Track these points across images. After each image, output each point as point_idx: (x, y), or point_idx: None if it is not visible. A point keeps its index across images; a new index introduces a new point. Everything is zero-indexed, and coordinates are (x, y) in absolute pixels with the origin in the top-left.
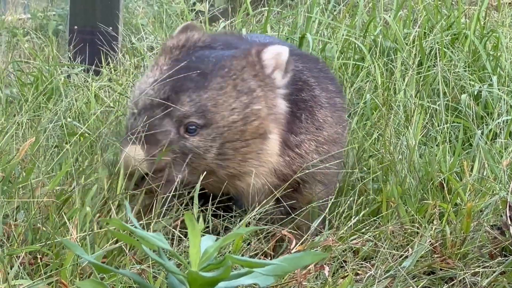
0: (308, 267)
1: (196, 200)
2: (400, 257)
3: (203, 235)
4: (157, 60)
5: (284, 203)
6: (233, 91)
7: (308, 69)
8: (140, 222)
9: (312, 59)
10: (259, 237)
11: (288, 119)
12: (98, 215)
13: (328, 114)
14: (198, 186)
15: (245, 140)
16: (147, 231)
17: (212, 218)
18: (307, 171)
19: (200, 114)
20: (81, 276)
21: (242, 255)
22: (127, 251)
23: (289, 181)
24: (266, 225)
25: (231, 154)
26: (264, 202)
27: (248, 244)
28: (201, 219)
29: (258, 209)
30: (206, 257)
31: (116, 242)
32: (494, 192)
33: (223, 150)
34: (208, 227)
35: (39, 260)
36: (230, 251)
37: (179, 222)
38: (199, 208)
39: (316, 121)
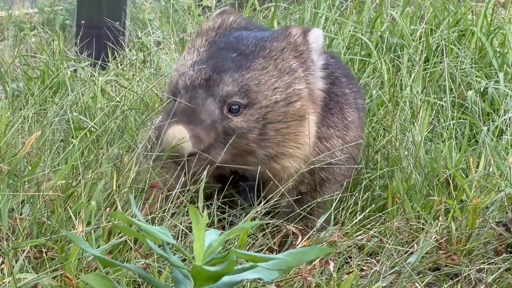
0: (313, 263)
1: (201, 195)
2: (405, 253)
3: (208, 230)
4: (193, 43)
5: (290, 198)
6: (275, 71)
7: (339, 67)
8: (146, 218)
9: (337, 58)
10: (265, 232)
11: (322, 107)
12: (104, 209)
13: (355, 115)
14: (203, 181)
15: (286, 122)
16: (153, 225)
17: (218, 213)
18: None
19: (243, 93)
20: (86, 270)
21: (248, 250)
22: (132, 245)
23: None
24: (272, 220)
25: (272, 135)
26: (278, 195)
27: (255, 239)
28: (205, 213)
29: (264, 204)
30: (210, 251)
31: (121, 236)
32: (500, 188)
33: (264, 131)
34: (213, 221)
35: (44, 254)
36: (235, 246)
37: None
38: (204, 202)
39: (345, 119)
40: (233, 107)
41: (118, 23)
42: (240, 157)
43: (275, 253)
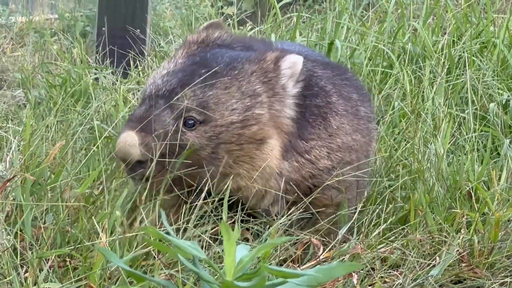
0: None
1: (225, 206)
2: (427, 266)
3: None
4: (175, 53)
5: (293, 207)
6: (237, 92)
7: (327, 77)
8: (172, 227)
9: (337, 68)
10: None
11: (298, 125)
12: (126, 219)
13: (345, 122)
14: (227, 193)
15: (240, 144)
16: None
17: (242, 224)
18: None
19: (200, 109)
20: (109, 279)
21: (270, 262)
22: (156, 256)
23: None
24: (288, 230)
25: (224, 155)
26: (285, 208)
27: (275, 249)
28: (236, 228)
29: (287, 216)
30: (241, 267)
31: (146, 246)
32: None
33: (217, 150)
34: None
35: (68, 263)
36: (259, 258)
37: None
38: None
39: (330, 127)
40: (189, 122)
41: (139, 30)
42: (197, 172)
43: (296, 263)
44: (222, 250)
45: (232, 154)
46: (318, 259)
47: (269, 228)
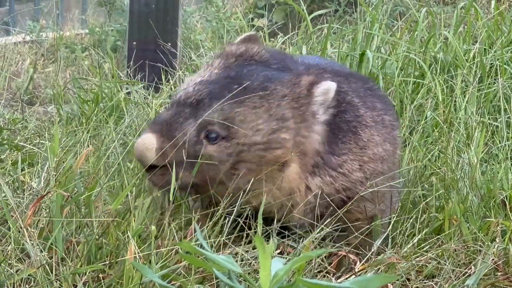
0: None
1: (260, 220)
2: (463, 275)
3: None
4: (213, 62)
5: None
6: (265, 113)
7: (353, 90)
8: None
9: (359, 78)
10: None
11: (329, 143)
12: (159, 233)
13: (374, 133)
14: (262, 206)
15: (260, 165)
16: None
17: (278, 238)
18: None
19: (225, 125)
20: None
21: (305, 274)
22: (187, 270)
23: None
24: (322, 242)
25: (244, 173)
26: (320, 221)
27: (308, 262)
28: (271, 242)
29: (320, 230)
30: (276, 280)
31: (180, 261)
32: None
33: (235, 167)
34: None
35: (101, 279)
36: (294, 271)
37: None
38: (262, 228)
39: (360, 141)
40: (211, 135)
41: (169, 44)
42: (213, 185)
43: (331, 275)
44: (256, 262)
45: (251, 173)
46: (354, 272)
47: (302, 241)
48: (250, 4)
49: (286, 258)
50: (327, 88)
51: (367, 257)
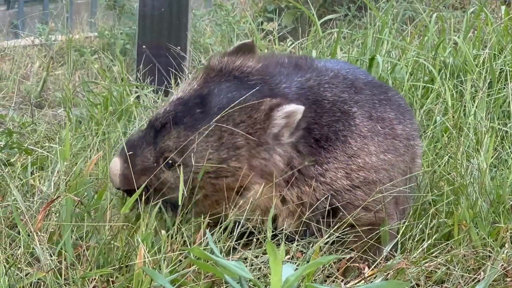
0: None
1: (269, 226)
2: (472, 281)
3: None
4: (197, 75)
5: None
6: (217, 142)
7: (356, 100)
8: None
9: (378, 87)
10: None
11: (310, 153)
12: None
13: (369, 142)
14: (271, 213)
15: (216, 191)
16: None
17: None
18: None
19: (179, 152)
20: None
21: (315, 279)
22: (196, 275)
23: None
24: (331, 247)
25: (201, 198)
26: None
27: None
28: (282, 248)
29: (328, 236)
30: (287, 286)
31: (190, 266)
32: None
33: (193, 192)
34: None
35: (110, 283)
36: (303, 276)
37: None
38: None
39: (349, 149)
40: (169, 162)
41: (179, 47)
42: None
43: (340, 280)
44: (265, 267)
45: (208, 199)
46: (363, 277)
47: (312, 246)
48: (259, 8)
49: (295, 263)
50: (290, 111)
51: (377, 262)
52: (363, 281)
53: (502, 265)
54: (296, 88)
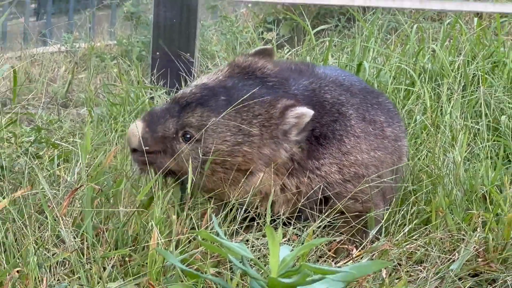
0: None
1: (268, 211)
2: (448, 261)
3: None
4: (222, 68)
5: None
6: (235, 127)
7: (352, 103)
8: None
9: (371, 92)
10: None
11: (310, 149)
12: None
13: (362, 142)
14: (270, 199)
15: (225, 168)
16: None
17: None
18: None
19: (199, 129)
20: (163, 275)
21: (309, 259)
22: (204, 256)
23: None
24: (324, 230)
25: (209, 173)
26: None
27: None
28: (280, 231)
29: (320, 221)
30: (284, 265)
31: (198, 247)
32: None
33: (203, 166)
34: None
35: (128, 262)
36: (299, 256)
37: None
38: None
39: (344, 147)
40: (187, 135)
41: (188, 54)
42: (183, 175)
43: (331, 260)
44: (265, 248)
45: (218, 174)
46: (351, 257)
47: (306, 229)
48: (260, 19)
49: (292, 245)
50: (301, 113)
51: (363, 244)
52: (351, 261)
53: (474, 247)
54: (303, 91)
